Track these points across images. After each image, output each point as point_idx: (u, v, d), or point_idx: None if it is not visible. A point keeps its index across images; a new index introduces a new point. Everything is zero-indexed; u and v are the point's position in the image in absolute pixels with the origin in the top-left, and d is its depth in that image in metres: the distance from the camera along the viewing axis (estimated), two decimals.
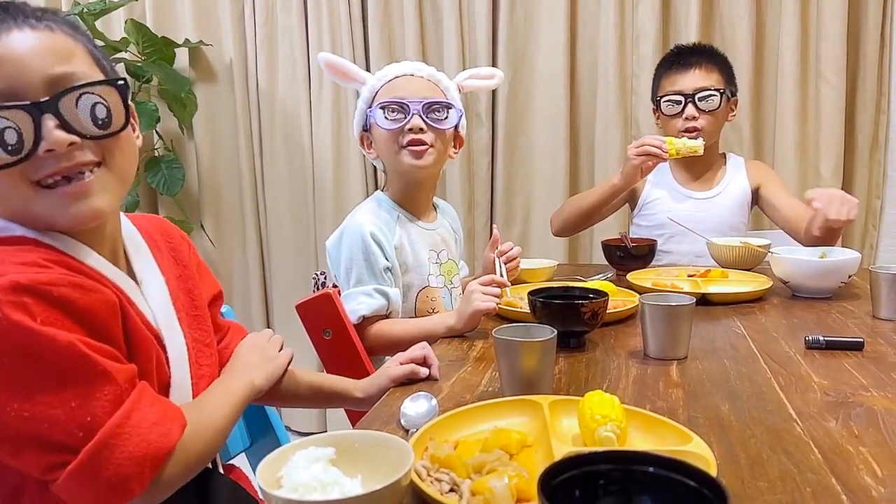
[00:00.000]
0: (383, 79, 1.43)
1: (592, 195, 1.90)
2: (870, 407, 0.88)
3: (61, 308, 0.64)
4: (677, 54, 1.92)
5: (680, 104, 1.85)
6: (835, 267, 1.46)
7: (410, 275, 1.44)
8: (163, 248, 0.88)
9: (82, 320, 0.66)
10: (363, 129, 1.47)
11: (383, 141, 1.42)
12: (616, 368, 1.06)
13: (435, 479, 0.67)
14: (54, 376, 0.63)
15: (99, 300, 0.68)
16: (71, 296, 0.65)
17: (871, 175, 2.33)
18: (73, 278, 0.67)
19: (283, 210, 2.76)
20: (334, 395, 1.11)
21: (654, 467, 0.55)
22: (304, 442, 0.67)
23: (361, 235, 1.36)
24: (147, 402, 0.68)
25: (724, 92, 1.84)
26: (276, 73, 2.70)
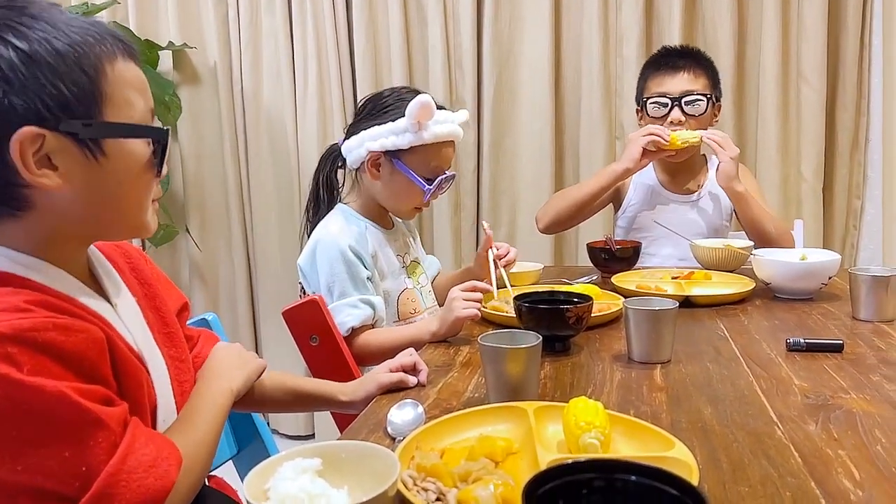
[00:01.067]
0: (439, 137, 1.39)
1: (590, 185, 1.89)
2: (849, 409, 0.89)
3: (48, 354, 0.62)
4: (665, 55, 1.92)
5: (666, 107, 1.86)
6: (815, 269, 1.48)
7: (388, 281, 1.45)
8: (125, 269, 0.86)
9: (70, 364, 0.64)
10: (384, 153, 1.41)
11: (407, 194, 1.44)
12: (601, 373, 1.07)
13: (421, 489, 0.68)
14: (45, 427, 0.62)
15: (86, 340, 0.66)
16: (57, 340, 0.63)
17: (852, 175, 2.36)
18: (58, 320, 0.65)
19: (270, 213, 2.75)
20: (317, 398, 1.10)
21: (637, 476, 0.56)
22: (290, 453, 0.67)
23: (340, 249, 1.36)
24: (141, 443, 0.67)
25: (710, 97, 1.86)
26: (261, 76, 2.69)
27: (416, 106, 1.33)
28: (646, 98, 1.90)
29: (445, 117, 1.41)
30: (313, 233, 1.44)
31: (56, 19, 0.67)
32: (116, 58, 0.70)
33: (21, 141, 0.65)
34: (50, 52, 0.65)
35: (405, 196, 1.45)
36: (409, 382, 1.04)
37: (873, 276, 1.29)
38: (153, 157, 0.74)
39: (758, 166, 2.35)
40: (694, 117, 1.85)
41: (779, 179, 2.35)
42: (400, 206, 1.48)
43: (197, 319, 1.17)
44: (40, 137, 0.66)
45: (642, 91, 1.95)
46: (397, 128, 1.38)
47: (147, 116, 0.74)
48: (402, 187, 1.43)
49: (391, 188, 1.44)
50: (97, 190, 0.71)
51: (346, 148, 1.46)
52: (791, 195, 2.37)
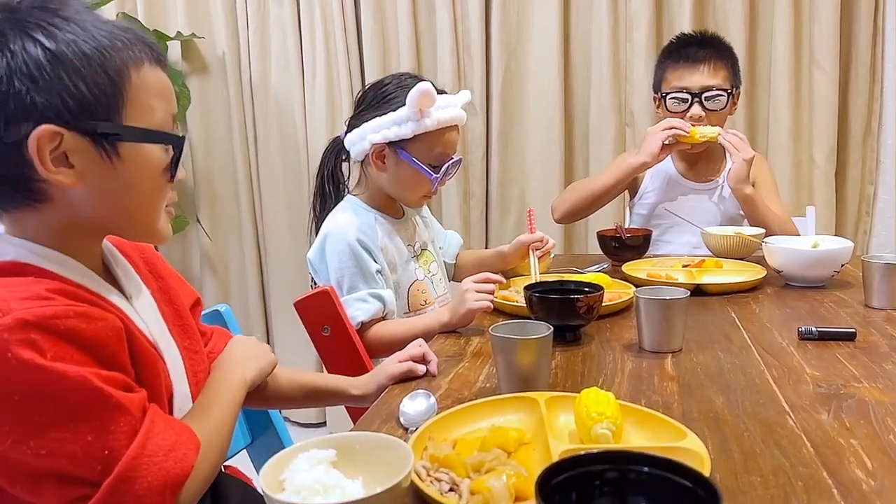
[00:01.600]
0: (442, 123, 1.38)
1: (607, 176, 1.87)
2: (861, 398, 0.89)
3: (70, 341, 0.64)
4: (684, 45, 1.88)
5: (686, 102, 1.83)
6: (828, 256, 1.47)
7: (398, 272, 1.45)
8: (139, 263, 0.88)
9: (91, 351, 0.66)
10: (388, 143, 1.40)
11: (415, 183, 1.43)
12: (612, 362, 1.07)
13: (434, 479, 0.68)
14: (68, 412, 0.63)
15: (105, 328, 0.68)
16: (78, 327, 0.65)
17: (865, 161, 2.34)
18: (79, 308, 0.66)
19: (279, 203, 2.76)
20: (329, 393, 1.12)
21: (649, 467, 0.56)
22: (305, 445, 0.68)
23: (348, 243, 1.36)
24: (160, 429, 0.68)
25: (730, 91, 1.84)
26: (269, 65, 2.69)
27: (417, 94, 1.32)
28: (665, 93, 1.87)
29: (447, 102, 1.40)
30: (322, 226, 1.44)
31: (87, 22, 0.69)
32: (143, 63, 0.72)
33: (39, 138, 0.66)
34: (76, 54, 0.67)
35: (412, 186, 1.45)
36: (419, 371, 1.05)
37: (886, 264, 1.29)
38: (169, 163, 0.76)
39: (770, 152, 2.33)
40: (714, 112, 1.83)
41: (791, 165, 2.33)
42: (408, 195, 1.48)
43: (210, 311, 1.17)
44: (58, 136, 0.67)
45: (660, 82, 1.91)
46: (399, 117, 1.36)
47: (168, 122, 0.75)
48: (408, 177, 1.43)
49: (398, 179, 1.44)
50: (110, 190, 0.72)
51: (348, 141, 1.45)
52: (803, 181, 2.35)
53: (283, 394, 1.06)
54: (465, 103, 1.46)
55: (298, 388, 1.09)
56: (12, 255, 0.71)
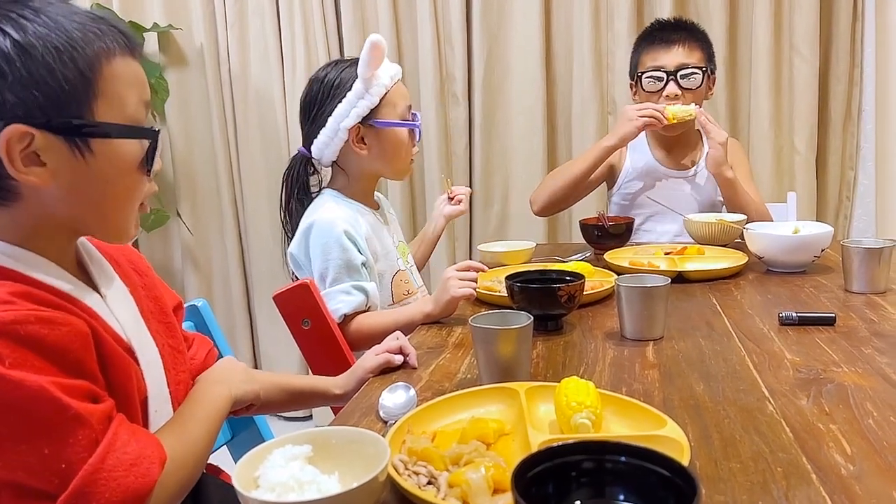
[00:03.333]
0: (394, 77, 1.41)
1: (582, 162, 1.86)
2: (840, 383, 0.89)
3: (30, 347, 0.61)
4: (658, 29, 1.89)
5: (661, 80, 1.83)
6: (808, 241, 1.47)
7: (381, 263, 1.44)
8: (121, 261, 0.85)
9: (54, 357, 0.63)
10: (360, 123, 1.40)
11: (400, 148, 1.44)
12: (593, 351, 1.07)
13: (412, 473, 0.68)
14: (25, 423, 0.61)
15: (69, 333, 0.65)
16: (39, 333, 0.62)
17: (845, 147, 2.35)
18: (41, 313, 0.63)
19: (261, 195, 2.73)
20: (310, 395, 1.10)
21: (627, 457, 0.56)
22: (280, 440, 0.67)
23: (335, 235, 1.34)
24: (123, 442, 0.65)
25: (705, 70, 1.84)
26: (248, 56, 2.66)
27: (371, 48, 1.31)
28: (640, 73, 1.87)
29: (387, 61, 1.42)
30: (304, 218, 1.42)
31: (57, 13, 0.67)
32: (115, 55, 0.70)
33: (9, 139, 0.64)
34: (46, 48, 0.65)
35: (398, 150, 1.44)
36: (395, 361, 1.04)
37: (866, 249, 1.29)
38: (144, 158, 0.73)
39: (751, 139, 2.34)
40: (690, 91, 1.83)
41: (772, 152, 2.33)
42: (397, 164, 1.47)
43: (187, 305, 1.16)
44: (29, 136, 0.65)
45: (636, 65, 1.91)
46: (358, 92, 1.37)
47: (141, 113, 0.73)
48: (392, 142, 1.43)
49: (384, 150, 1.43)
50: (84, 188, 0.70)
51: (317, 148, 1.43)
52: (784, 167, 2.36)
53: (264, 399, 1.03)
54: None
55: (279, 392, 1.06)
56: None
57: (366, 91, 1.36)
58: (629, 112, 1.78)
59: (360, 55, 1.34)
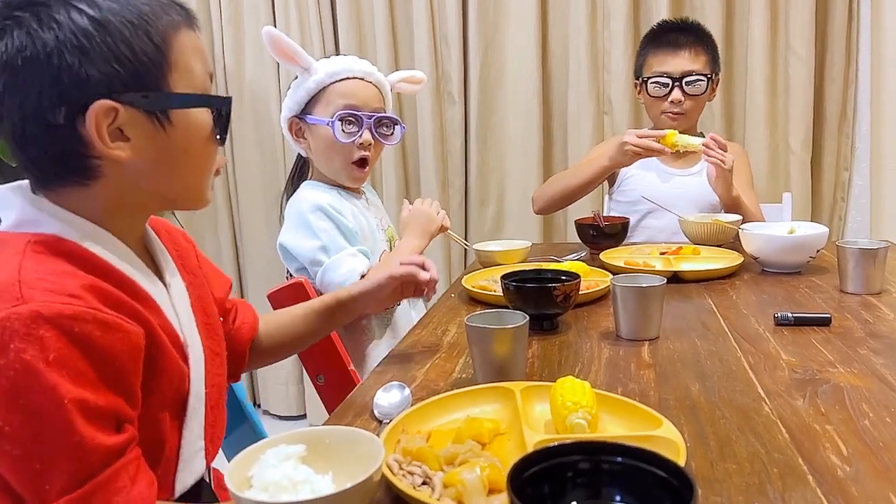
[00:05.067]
0: (334, 75, 1.37)
1: (581, 175, 1.84)
2: (836, 384, 0.89)
3: (79, 346, 0.60)
4: (666, 31, 1.89)
5: (667, 87, 1.83)
6: (803, 242, 1.47)
7: (367, 242, 1.44)
8: (173, 254, 0.84)
9: (98, 362, 0.61)
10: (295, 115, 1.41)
11: (331, 148, 1.40)
12: (588, 351, 1.06)
13: (407, 473, 0.67)
14: (30, 429, 0.59)
15: (122, 341, 0.63)
16: (93, 334, 0.61)
17: (840, 147, 2.35)
18: (100, 314, 0.62)
19: (255, 192, 2.72)
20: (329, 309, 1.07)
21: (623, 457, 0.55)
22: (274, 440, 0.66)
23: (319, 207, 1.35)
24: (116, 488, 0.61)
25: (710, 77, 1.84)
26: (243, 54, 2.65)
27: (268, 43, 1.31)
28: (646, 77, 1.87)
29: (341, 57, 1.40)
30: (287, 207, 1.43)
31: None
32: (181, 27, 0.71)
33: (97, 114, 0.65)
34: (122, 22, 0.66)
35: (327, 149, 1.40)
36: (422, 276, 1.05)
37: (861, 249, 1.29)
38: (215, 126, 0.74)
39: (746, 140, 2.33)
40: (694, 97, 1.84)
41: (767, 152, 2.33)
42: (332, 163, 1.42)
43: None
44: (113, 111, 0.65)
45: (642, 68, 1.92)
46: (294, 86, 1.38)
47: (207, 84, 0.74)
48: (322, 141, 1.40)
49: (318, 149, 1.42)
50: (165, 159, 0.71)
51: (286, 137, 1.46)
52: (779, 168, 2.36)
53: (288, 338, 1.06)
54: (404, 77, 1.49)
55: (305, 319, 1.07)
56: (55, 228, 0.68)
57: (298, 85, 1.37)
58: (628, 139, 1.68)
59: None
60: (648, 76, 1.86)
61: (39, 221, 0.68)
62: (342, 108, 1.37)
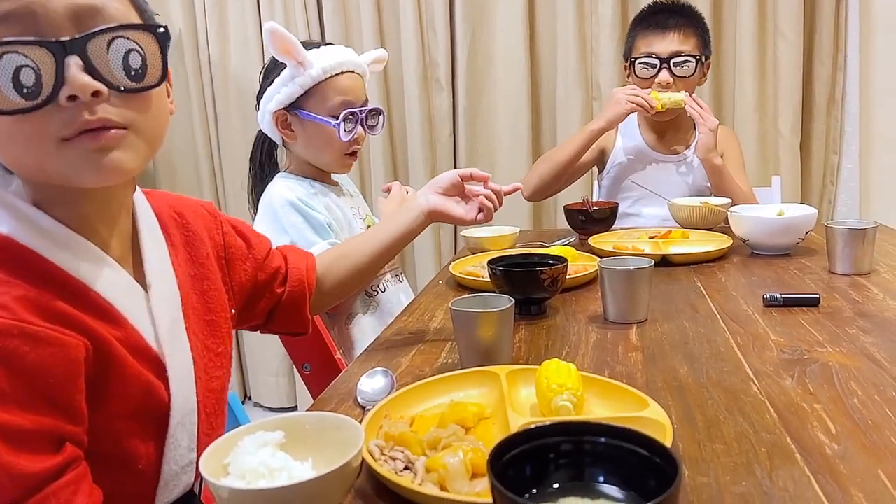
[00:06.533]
0: (329, 71, 1.34)
1: (570, 145, 1.84)
2: (825, 363, 0.88)
3: (3, 363, 0.55)
4: (655, 13, 1.87)
5: (655, 67, 1.81)
6: (792, 223, 1.47)
7: (345, 232, 1.42)
8: (177, 243, 0.79)
9: (25, 379, 0.56)
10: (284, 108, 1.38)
11: (327, 143, 1.39)
12: (576, 334, 1.05)
13: (389, 458, 0.66)
14: None
15: (54, 355, 0.58)
16: (20, 349, 0.56)
17: (829, 131, 2.35)
18: (30, 327, 0.57)
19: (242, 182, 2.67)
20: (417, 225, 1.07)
21: (606, 437, 0.54)
22: (251, 427, 0.65)
23: (288, 201, 1.33)
24: None
25: (699, 58, 1.82)
26: (228, 43, 2.62)
27: (268, 37, 1.28)
28: (634, 58, 1.85)
29: (330, 50, 1.37)
30: (262, 198, 1.41)
31: None
32: None
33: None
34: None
35: (323, 144, 1.39)
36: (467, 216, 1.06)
37: (849, 230, 1.28)
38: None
39: (735, 123, 2.33)
40: (682, 79, 1.82)
41: (756, 136, 2.33)
42: (324, 156, 1.42)
43: None
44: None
45: (630, 49, 1.89)
46: (285, 77, 1.34)
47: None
48: (316, 135, 1.38)
49: (308, 141, 1.40)
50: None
51: (260, 123, 1.43)
52: (769, 151, 2.35)
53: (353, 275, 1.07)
54: (374, 59, 1.45)
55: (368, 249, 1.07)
56: (8, 228, 0.62)
57: (291, 79, 1.33)
58: (617, 95, 1.77)
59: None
60: (636, 57, 1.84)
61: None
62: (340, 105, 1.36)
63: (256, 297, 0.95)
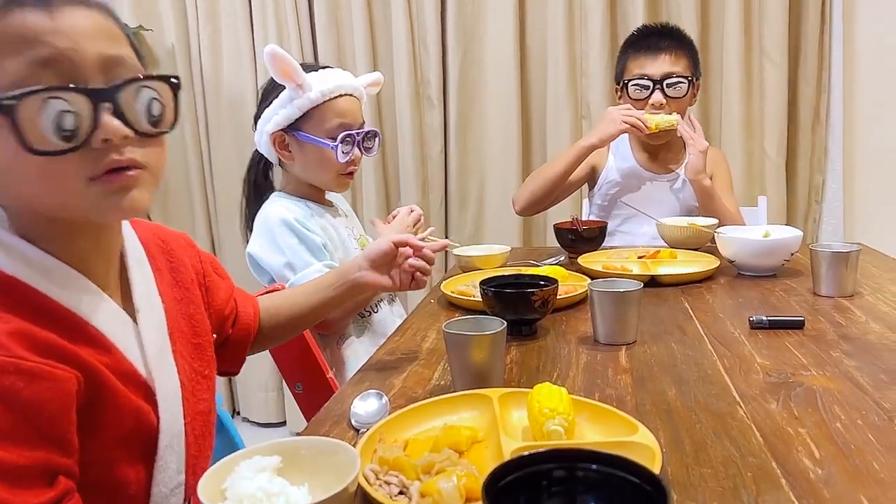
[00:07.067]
0: (328, 94, 1.36)
1: (561, 161, 1.86)
2: (809, 387, 0.90)
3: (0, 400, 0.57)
4: (646, 35, 1.89)
5: (647, 89, 1.84)
6: (778, 245, 1.49)
7: (339, 252, 1.44)
8: (163, 268, 0.81)
9: (21, 416, 0.58)
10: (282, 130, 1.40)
11: (324, 164, 1.41)
12: (566, 356, 1.07)
13: (384, 483, 0.67)
14: None
15: (50, 390, 0.60)
16: (14, 386, 0.57)
17: (814, 151, 2.39)
18: (25, 364, 0.59)
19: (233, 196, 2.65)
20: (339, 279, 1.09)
21: (597, 464, 0.55)
22: (248, 451, 0.65)
23: (284, 221, 1.35)
24: None
25: (690, 79, 1.86)
26: (221, 57, 2.63)
27: (269, 60, 1.30)
28: (627, 80, 1.88)
29: (331, 73, 1.40)
30: (257, 217, 1.43)
31: None
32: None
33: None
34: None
35: (321, 165, 1.42)
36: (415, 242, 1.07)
37: (833, 253, 1.31)
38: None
39: (722, 144, 2.36)
40: (675, 99, 1.85)
41: (742, 156, 2.36)
42: (322, 176, 1.45)
43: None
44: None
45: (622, 71, 1.92)
46: (283, 100, 1.36)
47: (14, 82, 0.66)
48: (314, 157, 1.41)
49: (305, 162, 1.42)
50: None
51: (258, 144, 1.45)
52: (755, 172, 2.39)
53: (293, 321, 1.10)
54: (371, 82, 1.48)
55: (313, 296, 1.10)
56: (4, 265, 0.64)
57: (289, 101, 1.36)
58: (613, 114, 1.79)
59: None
60: (629, 79, 1.87)
61: None
62: (338, 127, 1.39)
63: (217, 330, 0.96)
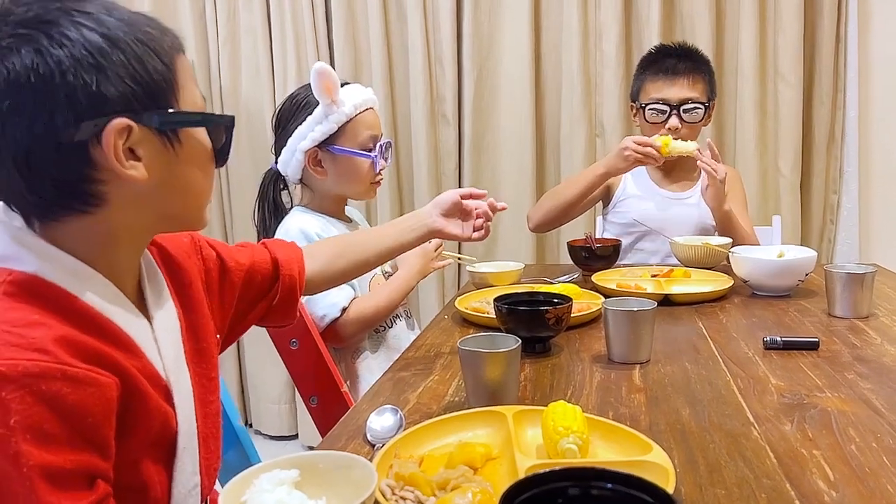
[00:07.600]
0: (358, 107, 1.42)
1: (576, 185, 1.87)
2: (824, 408, 0.91)
3: (47, 404, 0.57)
4: (664, 56, 1.90)
5: (665, 113, 1.85)
6: (792, 265, 1.49)
7: None
8: (165, 273, 0.82)
9: (67, 420, 0.59)
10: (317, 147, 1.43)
11: (357, 175, 1.46)
12: (580, 374, 1.07)
13: (400, 498, 0.68)
14: None
15: (93, 396, 0.61)
16: (61, 391, 0.58)
17: (829, 170, 2.39)
18: (70, 370, 0.59)
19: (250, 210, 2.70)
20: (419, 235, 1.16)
21: (612, 483, 0.56)
22: (267, 465, 0.67)
23: (303, 233, 1.39)
24: None
25: (707, 105, 1.86)
26: (240, 73, 2.67)
27: (316, 76, 1.34)
28: (644, 104, 1.88)
29: (354, 88, 1.45)
30: (277, 230, 1.45)
31: (124, 11, 0.66)
32: (180, 51, 0.71)
33: (114, 133, 0.63)
34: (133, 40, 0.64)
35: (356, 176, 1.47)
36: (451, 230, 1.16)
37: (848, 274, 1.31)
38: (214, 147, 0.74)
39: (736, 163, 2.37)
40: (691, 124, 1.86)
41: (757, 175, 2.37)
42: (356, 187, 1.50)
43: None
44: (128, 129, 0.64)
45: (639, 91, 1.93)
46: (318, 116, 1.40)
47: (203, 105, 0.74)
48: (350, 169, 1.45)
49: (341, 175, 1.46)
50: (172, 180, 0.70)
51: (281, 164, 1.48)
52: (769, 191, 2.39)
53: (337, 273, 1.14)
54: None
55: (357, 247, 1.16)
56: (34, 266, 0.65)
57: (325, 117, 1.39)
58: (626, 151, 1.74)
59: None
60: (646, 102, 1.88)
61: (20, 257, 0.65)
62: (369, 139, 1.45)
63: (249, 305, 0.99)
